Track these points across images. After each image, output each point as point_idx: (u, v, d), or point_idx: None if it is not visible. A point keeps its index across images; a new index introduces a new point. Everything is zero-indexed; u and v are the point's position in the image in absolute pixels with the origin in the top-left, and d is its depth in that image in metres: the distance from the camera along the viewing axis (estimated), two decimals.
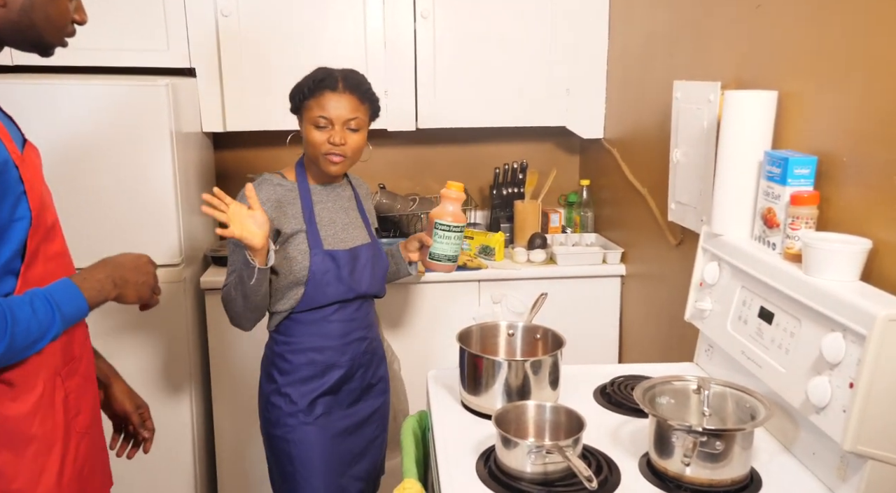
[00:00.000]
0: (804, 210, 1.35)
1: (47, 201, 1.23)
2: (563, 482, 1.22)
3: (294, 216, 1.75)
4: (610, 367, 1.78)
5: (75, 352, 1.29)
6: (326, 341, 1.77)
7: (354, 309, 1.81)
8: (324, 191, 1.82)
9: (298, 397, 1.76)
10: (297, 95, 1.74)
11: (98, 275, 1.27)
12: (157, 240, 2.24)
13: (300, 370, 1.77)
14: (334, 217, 1.80)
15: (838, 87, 1.36)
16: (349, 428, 1.83)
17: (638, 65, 2.36)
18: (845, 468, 1.16)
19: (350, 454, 1.84)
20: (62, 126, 2.14)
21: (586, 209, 2.84)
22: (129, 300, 1.33)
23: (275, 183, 1.77)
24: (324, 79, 1.71)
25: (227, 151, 2.84)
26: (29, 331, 1.12)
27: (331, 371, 1.78)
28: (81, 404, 1.29)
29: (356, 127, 1.72)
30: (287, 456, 1.77)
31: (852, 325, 1.13)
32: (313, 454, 1.76)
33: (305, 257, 1.72)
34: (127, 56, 2.37)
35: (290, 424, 1.76)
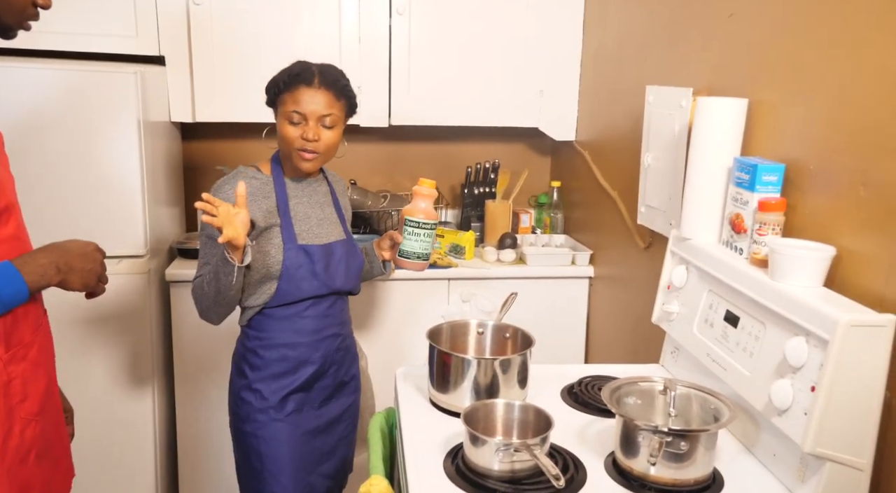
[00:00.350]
0: (771, 216, 1.37)
1: (1, 184, 1.21)
2: (529, 481, 1.23)
3: (268, 210, 1.72)
4: (577, 367, 1.80)
5: (24, 337, 1.27)
6: (299, 337, 1.75)
7: (328, 306, 1.79)
8: (299, 186, 1.80)
9: (269, 394, 1.74)
10: (272, 88, 1.72)
11: (41, 260, 1.25)
12: (122, 231, 2.20)
13: (272, 366, 1.75)
14: (309, 212, 1.78)
15: (808, 97, 1.38)
16: (320, 427, 1.81)
17: (611, 68, 2.38)
18: (804, 469, 1.19)
19: (319, 452, 1.82)
20: (25, 111, 2.08)
21: (556, 211, 2.86)
22: (74, 287, 1.31)
23: (250, 176, 1.74)
24: (300, 73, 1.68)
25: (196, 142, 2.80)
26: None
27: (303, 368, 1.76)
28: (29, 389, 1.27)
29: (331, 124, 1.70)
30: (256, 453, 1.75)
31: (815, 330, 1.16)
32: (282, 452, 1.74)
33: (279, 252, 1.70)
34: (95, 41, 2.32)
35: (260, 420, 1.74)
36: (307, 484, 1.79)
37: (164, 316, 2.40)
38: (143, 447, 2.32)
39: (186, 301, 2.37)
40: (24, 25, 1.22)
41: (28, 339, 1.27)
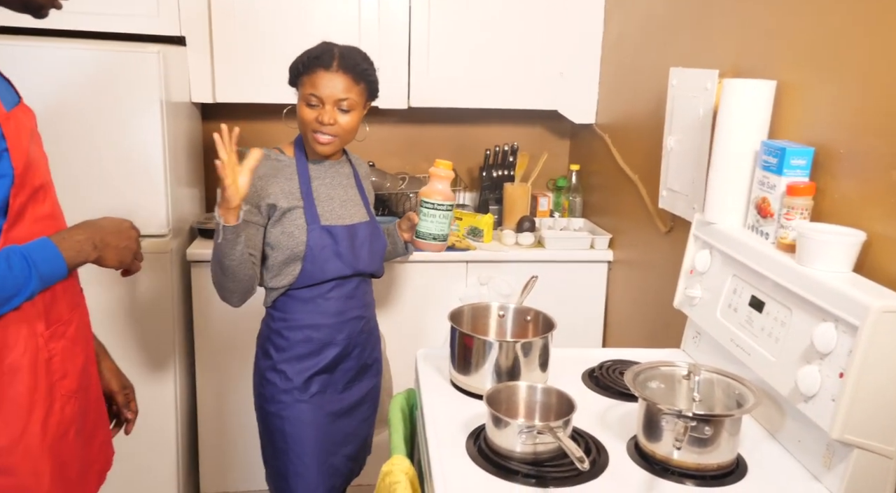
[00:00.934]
0: (799, 201, 1.35)
1: (36, 162, 1.21)
2: (551, 463, 1.23)
3: (291, 192, 1.72)
4: (598, 351, 1.79)
5: (62, 315, 1.28)
6: (323, 318, 1.75)
7: (353, 287, 1.79)
8: (321, 167, 1.79)
9: (294, 375, 1.75)
10: (293, 70, 1.71)
11: (78, 236, 1.25)
12: (144, 210, 2.21)
13: (296, 347, 1.75)
14: (332, 194, 1.77)
15: (838, 78, 1.36)
16: (343, 409, 1.82)
17: (633, 50, 2.35)
18: (831, 456, 1.18)
19: (342, 433, 1.83)
20: (47, 90, 2.09)
21: (575, 194, 2.84)
22: (110, 264, 1.31)
23: (271, 158, 1.74)
24: (319, 56, 1.67)
25: (215, 123, 2.80)
26: (4, 286, 1.11)
27: (327, 349, 1.76)
28: (68, 367, 1.28)
29: (348, 108, 1.68)
30: (280, 433, 1.76)
31: (845, 316, 1.14)
32: (306, 432, 1.75)
33: (302, 232, 1.70)
34: (116, 21, 2.31)
35: (284, 401, 1.75)
36: (330, 465, 1.80)
37: (185, 295, 2.42)
38: (165, 426, 2.35)
39: (207, 280, 2.37)
40: (56, 3, 1.22)
41: (67, 316, 1.29)
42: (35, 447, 1.21)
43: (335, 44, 1.72)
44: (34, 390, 1.21)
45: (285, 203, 1.70)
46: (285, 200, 1.70)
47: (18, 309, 1.17)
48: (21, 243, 1.17)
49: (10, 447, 1.19)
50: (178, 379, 2.35)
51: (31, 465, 1.21)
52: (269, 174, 1.71)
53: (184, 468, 2.44)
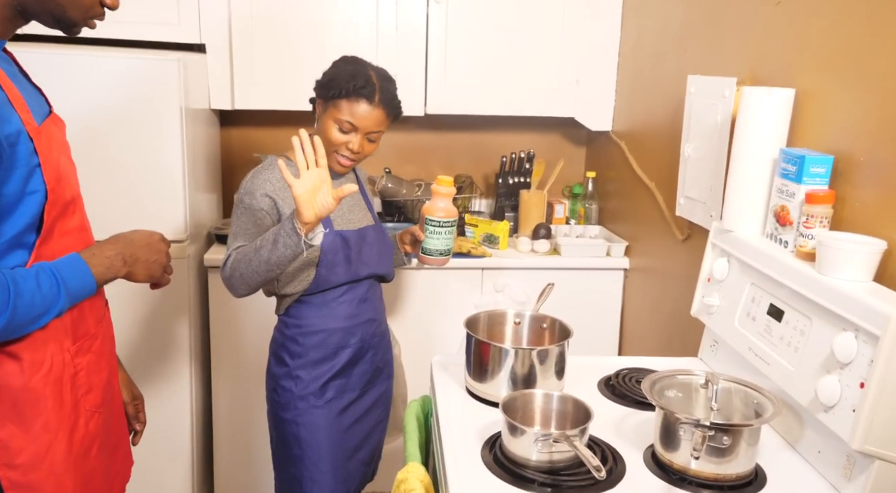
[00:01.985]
0: (819, 209, 1.34)
1: (66, 175, 1.20)
2: (567, 472, 1.23)
3: None
4: (614, 359, 1.78)
5: (89, 329, 1.27)
6: (336, 322, 1.76)
7: (364, 290, 1.80)
8: (330, 174, 1.78)
9: (310, 381, 1.75)
10: (332, 90, 1.68)
11: (108, 252, 1.24)
12: (163, 216, 2.23)
13: (311, 353, 1.76)
14: (341, 202, 1.76)
15: (857, 85, 1.35)
16: (358, 413, 1.83)
17: (650, 58, 2.35)
18: (851, 467, 1.17)
19: (357, 438, 1.84)
20: (70, 96, 2.11)
21: (591, 201, 2.83)
22: (139, 279, 1.31)
23: (287, 162, 1.74)
24: (364, 86, 1.66)
25: (233, 130, 2.83)
26: (33, 305, 1.10)
27: (341, 353, 1.78)
28: (93, 381, 1.28)
29: (375, 138, 1.74)
30: (296, 439, 1.76)
31: (865, 325, 1.13)
32: (322, 438, 1.76)
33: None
34: (137, 29, 2.34)
35: (300, 407, 1.75)
36: (345, 471, 1.81)
37: (201, 301, 2.43)
38: (180, 432, 2.36)
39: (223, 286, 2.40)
40: (90, 23, 1.22)
41: (93, 331, 1.28)
42: (59, 464, 1.20)
43: (370, 67, 1.72)
44: (60, 406, 1.21)
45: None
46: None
47: (45, 326, 1.16)
48: (51, 257, 1.16)
49: (34, 463, 1.18)
50: (193, 385, 2.36)
51: (56, 482, 1.20)
52: (284, 185, 1.71)
53: (199, 475, 2.45)
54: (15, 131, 1.09)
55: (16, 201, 1.11)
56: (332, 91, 1.68)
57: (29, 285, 1.10)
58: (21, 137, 1.10)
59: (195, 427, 2.39)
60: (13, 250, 1.13)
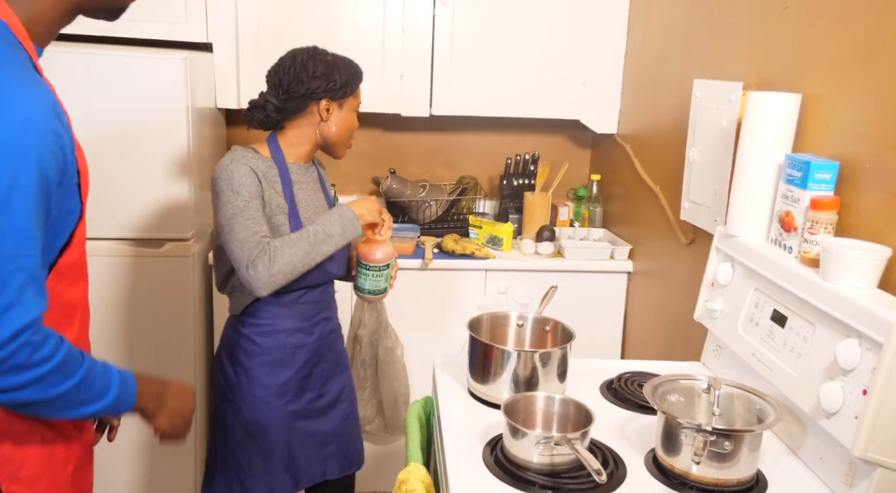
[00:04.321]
0: (824, 215, 1.34)
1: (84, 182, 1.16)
2: (569, 475, 1.23)
3: (279, 197, 1.68)
4: (617, 362, 1.79)
5: (82, 345, 1.22)
6: (296, 322, 1.74)
7: (321, 291, 1.79)
8: (300, 171, 1.76)
9: (267, 381, 1.72)
10: (349, 86, 1.72)
11: (152, 385, 1.23)
12: (168, 214, 2.23)
13: (270, 353, 1.73)
14: (309, 199, 1.76)
15: (864, 92, 1.35)
16: (320, 410, 1.81)
17: (656, 61, 2.35)
18: (853, 474, 1.16)
19: (323, 434, 1.81)
20: (77, 94, 2.12)
21: (595, 204, 2.83)
22: (161, 424, 1.25)
23: (252, 157, 1.68)
24: (361, 71, 1.76)
25: (239, 128, 2.83)
26: (92, 385, 1.08)
27: (299, 352, 1.75)
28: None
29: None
30: (251, 439, 1.73)
31: (869, 332, 1.13)
32: (279, 437, 1.74)
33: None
34: (144, 27, 2.35)
35: (257, 407, 1.72)
36: (318, 468, 1.81)
37: (206, 299, 2.44)
38: None
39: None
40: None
41: (84, 345, 1.25)
42: (60, 473, 1.18)
43: (332, 54, 1.76)
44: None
45: (275, 209, 1.67)
46: (275, 206, 1.67)
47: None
48: (65, 268, 1.11)
49: (37, 474, 1.15)
50: (197, 383, 2.37)
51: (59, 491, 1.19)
52: (259, 171, 1.66)
53: (202, 470, 2.46)
54: (69, 153, 1.05)
55: (61, 223, 1.08)
56: (354, 84, 1.74)
57: (97, 368, 1.10)
58: (70, 160, 1.06)
59: (198, 426, 2.40)
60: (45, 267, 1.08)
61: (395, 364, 2.42)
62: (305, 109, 1.71)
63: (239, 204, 1.59)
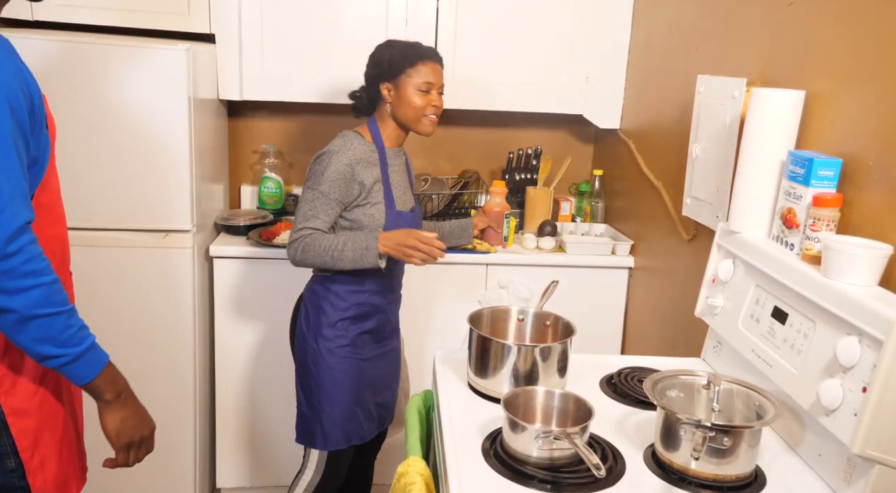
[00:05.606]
0: (826, 212, 1.34)
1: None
2: (568, 469, 1.23)
3: (375, 176, 1.90)
4: (617, 358, 1.79)
5: (64, 280, 1.30)
6: (377, 285, 1.96)
7: (398, 262, 2.00)
8: (393, 155, 1.99)
9: (347, 330, 1.93)
10: (400, 65, 1.88)
11: (121, 381, 1.25)
12: (169, 205, 2.23)
13: (354, 309, 1.94)
14: (399, 180, 1.99)
15: (868, 89, 1.34)
16: (377, 358, 2.02)
17: (660, 56, 2.34)
18: (851, 471, 1.17)
19: (375, 379, 2.02)
20: (80, 84, 2.12)
21: (597, 199, 2.83)
22: (108, 421, 1.25)
23: (363, 142, 1.92)
24: (421, 50, 1.91)
25: (241, 120, 2.83)
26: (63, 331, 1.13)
27: (376, 313, 1.98)
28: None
29: (443, 91, 1.96)
30: (330, 381, 1.93)
31: (869, 329, 1.13)
32: (348, 376, 1.94)
33: (382, 215, 1.91)
34: (147, 18, 2.34)
35: (334, 355, 1.92)
36: (366, 407, 2.00)
37: (207, 291, 2.44)
38: (183, 421, 2.38)
39: (229, 276, 2.41)
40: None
41: (67, 283, 1.32)
42: (51, 393, 1.27)
43: (406, 40, 1.97)
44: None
45: (371, 187, 1.89)
46: (371, 184, 1.89)
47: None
48: (44, 210, 1.19)
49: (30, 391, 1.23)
50: (197, 374, 2.38)
51: (50, 408, 1.27)
52: (362, 159, 1.89)
53: (201, 462, 2.47)
54: (39, 94, 1.15)
55: (40, 155, 1.16)
56: (402, 65, 1.89)
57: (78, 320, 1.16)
58: (41, 101, 1.16)
59: (198, 416, 2.40)
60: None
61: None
62: (379, 95, 1.94)
63: (321, 190, 1.84)
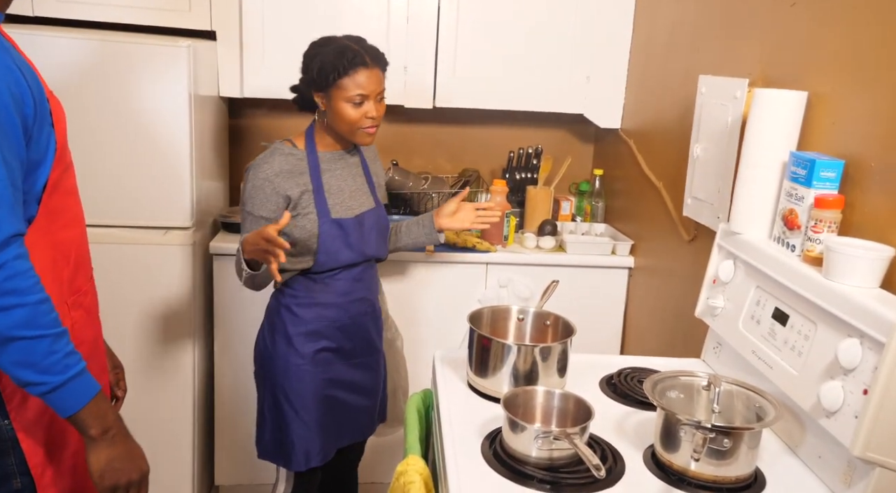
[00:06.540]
0: (828, 214, 1.34)
1: (67, 141, 1.25)
2: (567, 469, 1.23)
3: (304, 185, 1.81)
4: (617, 358, 1.78)
5: (81, 285, 1.31)
6: (332, 298, 1.87)
7: (359, 271, 1.91)
8: (333, 158, 1.88)
9: (302, 349, 1.85)
10: (328, 76, 1.75)
11: (111, 417, 1.18)
12: (170, 202, 2.23)
13: (307, 324, 1.85)
14: (342, 185, 1.87)
15: (871, 90, 1.34)
16: (346, 383, 1.92)
17: (661, 56, 2.33)
18: (852, 473, 1.16)
19: (353, 407, 1.94)
20: (80, 80, 2.12)
21: (598, 199, 2.83)
22: (94, 460, 1.18)
23: (286, 153, 1.82)
24: (354, 56, 1.75)
25: (241, 118, 2.82)
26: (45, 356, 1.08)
27: (334, 327, 1.87)
28: (83, 336, 1.31)
29: (383, 96, 1.83)
30: (283, 393, 1.86)
31: (870, 332, 1.13)
32: (311, 400, 1.86)
33: (314, 226, 1.81)
34: (148, 15, 2.34)
35: (292, 371, 1.85)
36: (335, 429, 1.91)
37: (206, 288, 2.44)
38: (182, 417, 2.38)
39: (229, 273, 2.40)
40: None
41: (85, 287, 1.32)
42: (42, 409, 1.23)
43: (341, 39, 1.80)
44: None
45: (298, 198, 1.80)
46: (298, 195, 1.80)
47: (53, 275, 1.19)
48: (56, 213, 1.19)
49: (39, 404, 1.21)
50: (196, 371, 2.37)
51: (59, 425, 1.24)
52: (284, 170, 1.79)
53: (199, 459, 2.46)
54: (40, 92, 1.15)
55: (42, 157, 1.15)
56: (330, 77, 1.75)
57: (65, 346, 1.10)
58: (44, 97, 1.15)
59: (197, 413, 2.40)
60: (32, 203, 1.16)
61: (395, 356, 2.42)
62: (312, 101, 1.84)
63: (247, 209, 1.80)
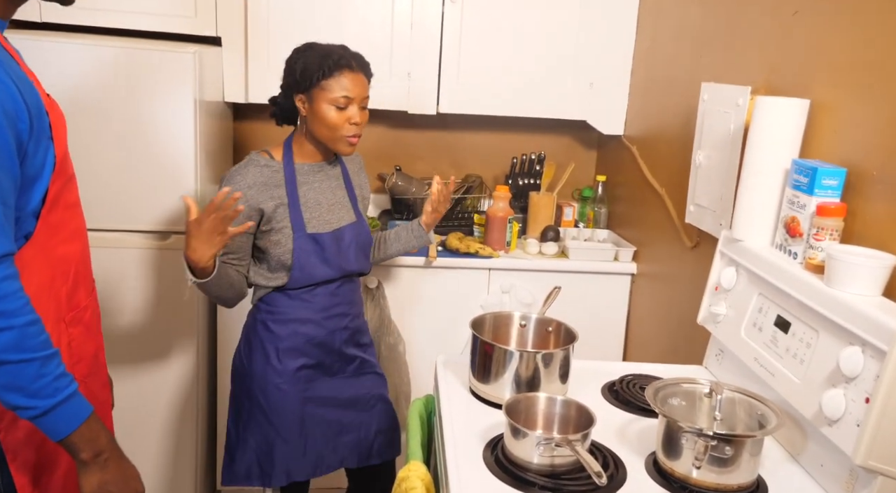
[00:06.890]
0: (830, 222, 1.34)
1: (68, 152, 1.24)
2: (568, 476, 1.23)
3: (279, 198, 1.76)
4: (619, 364, 1.78)
5: (80, 301, 1.31)
6: (309, 314, 1.81)
7: (336, 286, 1.85)
8: (311, 171, 1.83)
9: (279, 365, 1.80)
10: (311, 77, 1.71)
11: (102, 438, 1.17)
12: (174, 207, 2.24)
13: (285, 340, 1.81)
14: (320, 198, 1.82)
15: (873, 98, 1.34)
16: (335, 400, 1.87)
17: (664, 63, 2.34)
18: (854, 481, 1.16)
19: (339, 424, 1.88)
20: (86, 86, 2.13)
21: (600, 205, 2.83)
22: (86, 485, 1.16)
23: (261, 164, 1.78)
24: (339, 58, 1.72)
25: (246, 123, 2.84)
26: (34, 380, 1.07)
27: (311, 343, 1.83)
28: (83, 352, 1.31)
29: (366, 104, 1.78)
30: (261, 410, 1.80)
31: (872, 340, 1.13)
32: (288, 410, 1.80)
33: (289, 241, 1.76)
34: (154, 20, 2.35)
35: (269, 390, 1.80)
36: (334, 453, 1.86)
37: None
38: (185, 420, 2.38)
39: None
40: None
41: (84, 302, 1.31)
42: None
43: (326, 45, 1.77)
44: None
45: (273, 211, 1.74)
46: (273, 209, 1.74)
47: (51, 292, 1.18)
48: (56, 227, 1.18)
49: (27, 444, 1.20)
50: (199, 376, 2.37)
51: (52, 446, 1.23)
52: (258, 182, 1.75)
53: (201, 463, 2.47)
54: (37, 104, 1.13)
55: (39, 173, 1.14)
56: (314, 77, 1.71)
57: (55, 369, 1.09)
58: (42, 110, 1.14)
59: (199, 417, 2.40)
60: (28, 219, 1.16)
61: (397, 361, 2.43)
62: (293, 106, 1.78)
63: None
